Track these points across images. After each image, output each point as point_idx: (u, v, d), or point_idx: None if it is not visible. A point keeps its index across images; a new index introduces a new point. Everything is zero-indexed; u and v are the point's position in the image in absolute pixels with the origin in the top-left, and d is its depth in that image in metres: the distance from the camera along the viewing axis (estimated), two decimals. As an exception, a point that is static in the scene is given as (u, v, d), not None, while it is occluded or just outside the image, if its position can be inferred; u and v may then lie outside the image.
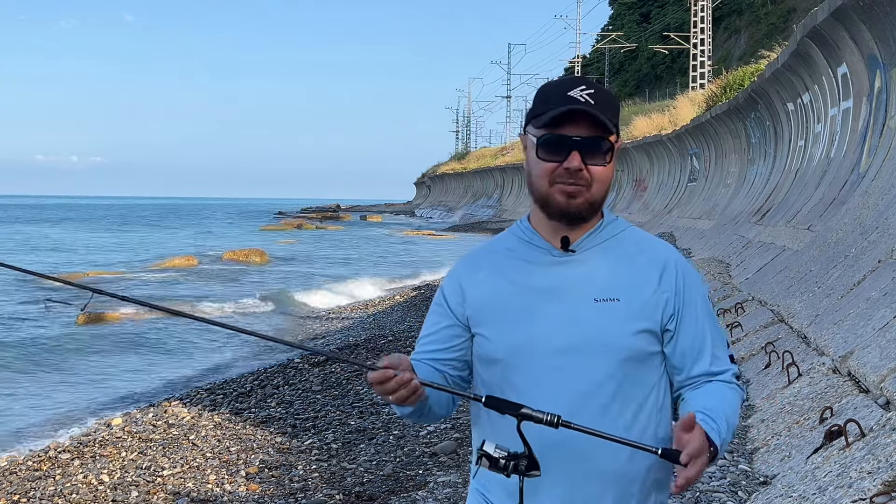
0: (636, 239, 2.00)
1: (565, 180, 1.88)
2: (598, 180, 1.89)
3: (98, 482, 6.34)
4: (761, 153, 18.42)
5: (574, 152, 1.87)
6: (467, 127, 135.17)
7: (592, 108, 1.86)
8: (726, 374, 1.96)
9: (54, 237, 50.08)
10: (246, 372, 10.90)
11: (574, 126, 1.87)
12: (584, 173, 1.88)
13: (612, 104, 1.91)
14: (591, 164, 1.88)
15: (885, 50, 9.31)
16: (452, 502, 5.17)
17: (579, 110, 1.85)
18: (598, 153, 1.88)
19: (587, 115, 1.85)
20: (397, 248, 40.06)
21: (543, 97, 1.92)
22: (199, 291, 21.91)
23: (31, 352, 13.29)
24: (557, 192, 1.90)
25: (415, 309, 15.82)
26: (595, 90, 1.89)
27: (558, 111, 1.86)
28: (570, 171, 1.87)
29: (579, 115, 1.86)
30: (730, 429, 1.88)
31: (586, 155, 1.87)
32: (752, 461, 5.02)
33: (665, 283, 1.93)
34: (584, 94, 1.87)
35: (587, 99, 1.87)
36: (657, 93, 50.99)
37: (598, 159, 1.88)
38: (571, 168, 1.87)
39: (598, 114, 1.86)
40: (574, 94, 1.87)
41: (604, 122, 1.86)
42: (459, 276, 2.03)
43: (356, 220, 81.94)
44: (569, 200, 1.90)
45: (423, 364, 1.98)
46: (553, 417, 1.74)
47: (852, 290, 6.73)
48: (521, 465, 1.76)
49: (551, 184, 1.90)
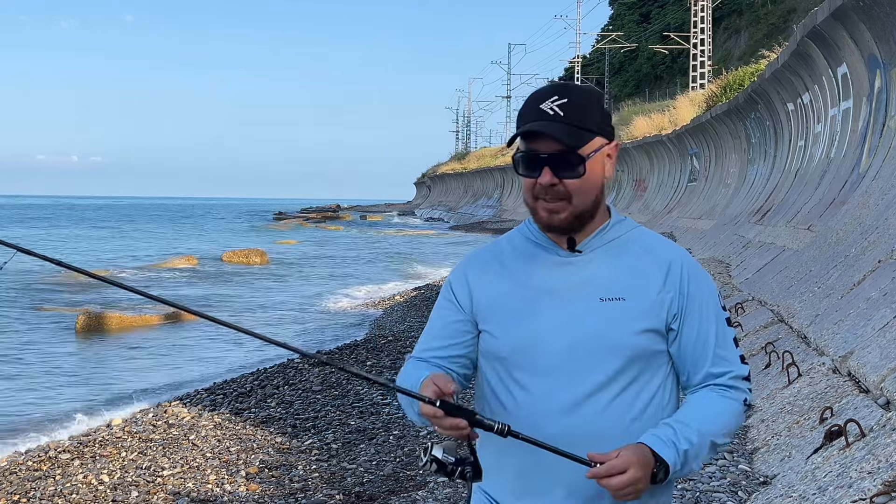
0: (643, 239, 2.00)
1: (544, 196, 1.89)
2: (577, 192, 1.88)
3: (98, 482, 6.34)
4: (761, 153, 18.42)
5: (545, 168, 1.86)
6: (467, 127, 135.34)
7: (560, 120, 1.84)
8: (727, 375, 1.95)
9: (55, 237, 50.07)
10: (246, 372, 10.90)
11: (542, 142, 1.86)
12: (560, 188, 1.87)
13: (589, 109, 1.89)
14: (564, 177, 1.87)
15: (885, 50, 9.31)
16: (452, 502, 5.17)
17: (538, 129, 1.85)
18: (569, 167, 1.86)
19: (549, 132, 1.84)
20: (397, 248, 40.05)
21: (521, 109, 1.93)
22: (198, 292, 21.90)
23: (32, 352, 13.29)
24: (541, 207, 1.91)
25: (415, 309, 15.82)
26: (568, 99, 1.86)
27: (521, 130, 1.87)
28: (544, 187, 1.87)
29: (542, 132, 1.85)
30: (703, 439, 1.87)
31: (557, 169, 1.86)
32: (752, 461, 5.02)
33: (670, 283, 1.93)
34: (554, 106, 1.85)
35: (556, 111, 1.85)
36: (657, 93, 51.01)
37: (570, 172, 1.86)
38: (544, 184, 1.87)
39: (562, 129, 1.84)
40: (545, 106, 1.86)
41: (569, 135, 1.84)
42: (467, 272, 2.03)
43: (356, 220, 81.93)
44: (551, 216, 1.90)
45: (429, 364, 1.99)
46: (503, 427, 1.77)
47: (852, 290, 6.73)
48: (466, 472, 1.80)
49: (534, 199, 1.91)
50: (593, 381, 1.88)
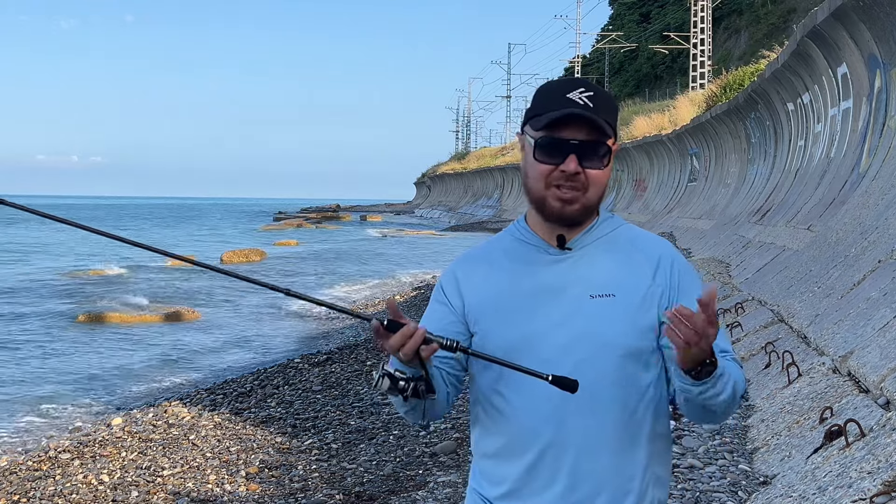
0: (631, 235, 2.00)
1: (562, 183, 1.89)
2: (594, 184, 1.90)
3: (98, 482, 6.34)
4: (761, 153, 18.42)
5: (572, 155, 1.87)
6: (467, 127, 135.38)
7: (591, 111, 1.86)
8: (727, 355, 1.92)
9: (55, 237, 50.05)
10: (246, 372, 10.90)
11: (572, 129, 1.87)
12: (581, 177, 1.88)
13: (611, 107, 1.92)
14: (588, 167, 1.88)
15: (885, 50, 9.31)
16: (452, 502, 5.17)
17: (577, 114, 1.86)
18: (596, 157, 1.88)
19: (586, 119, 1.86)
20: (397, 248, 40.05)
21: (542, 98, 1.92)
22: (199, 292, 21.90)
23: (31, 352, 13.29)
24: (552, 196, 1.90)
25: (415, 309, 15.82)
26: (594, 93, 1.89)
27: (557, 114, 1.86)
28: (566, 175, 1.87)
29: (578, 118, 1.86)
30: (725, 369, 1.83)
31: (584, 158, 1.87)
32: (752, 461, 5.02)
33: (659, 278, 1.94)
34: (583, 97, 1.87)
35: (586, 102, 1.87)
36: (657, 93, 51.01)
37: (596, 163, 1.88)
38: (568, 171, 1.87)
39: (597, 118, 1.86)
40: (573, 96, 1.87)
41: (602, 125, 1.87)
42: (457, 273, 2.03)
43: (356, 221, 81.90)
44: (564, 206, 1.90)
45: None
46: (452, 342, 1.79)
47: (852, 290, 6.73)
48: (420, 387, 1.81)
49: (547, 187, 1.90)
50: (586, 379, 1.88)
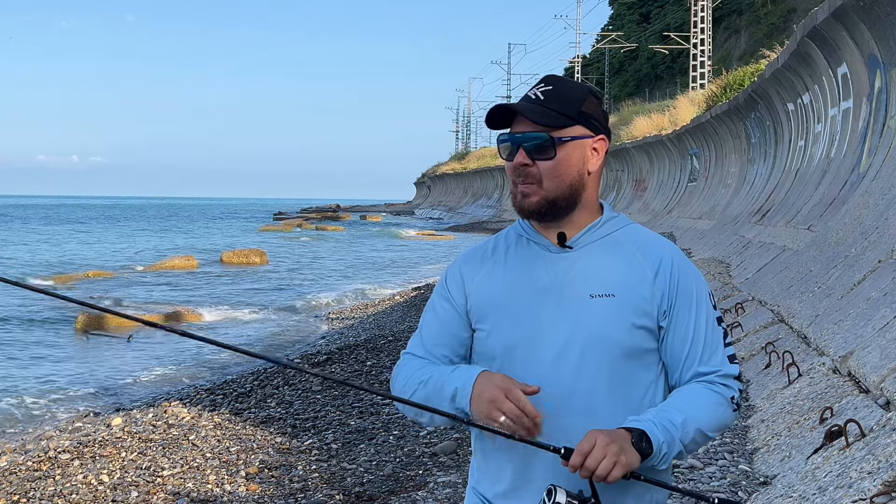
0: (634, 236, 1.99)
1: (517, 178, 1.92)
2: (548, 176, 1.90)
3: (98, 482, 6.33)
4: (761, 153, 18.42)
5: (520, 149, 1.90)
6: (467, 127, 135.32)
7: (539, 104, 1.89)
8: (715, 374, 1.93)
9: (55, 237, 50.06)
10: (246, 372, 10.89)
11: (519, 124, 1.91)
12: (533, 170, 1.90)
13: (573, 98, 1.91)
14: (538, 159, 1.89)
15: (885, 50, 9.31)
16: (452, 502, 5.17)
17: (505, 106, 1.90)
18: (541, 148, 1.89)
19: (523, 113, 1.89)
20: (397, 248, 40.05)
21: None
22: (199, 293, 21.90)
23: (32, 352, 13.29)
24: (517, 191, 1.94)
25: (415, 309, 15.82)
26: (553, 86, 1.91)
27: (493, 106, 1.91)
28: (517, 169, 1.91)
29: (514, 113, 1.91)
30: (686, 418, 1.85)
31: (532, 151, 1.89)
32: (752, 461, 5.02)
33: (660, 280, 1.93)
34: (537, 91, 1.91)
35: (538, 96, 1.90)
36: (657, 93, 51.00)
37: (542, 154, 1.89)
38: (516, 164, 1.91)
39: (537, 110, 1.88)
40: (531, 92, 1.92)
41: (543, 116, 1.88)
42: (461, 270, 2.04)
43: (356, 221, 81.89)
44: (522, 199, 1.92)
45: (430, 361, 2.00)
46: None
47: (852, 290, 6.73)
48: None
49: (514, 183, 1.94)
50: (585, 378, 1.88)
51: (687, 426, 1.85)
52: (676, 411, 1.86)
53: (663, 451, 1.81)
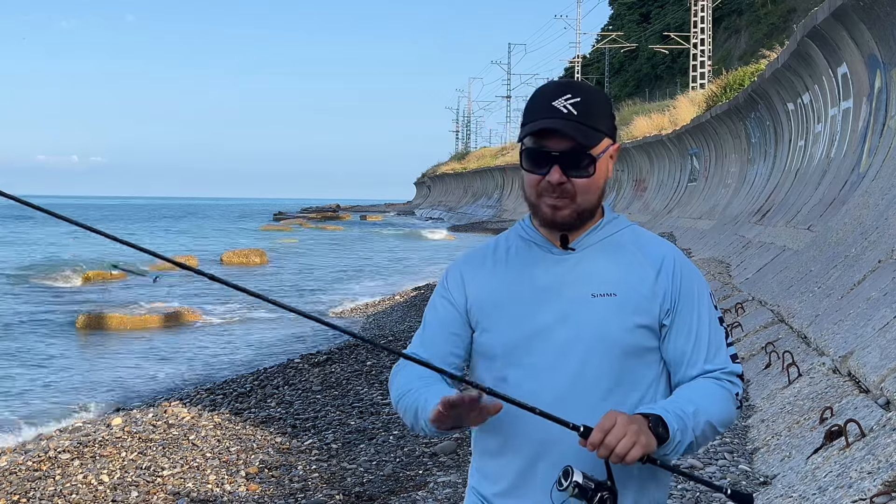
0: (635, 236, 2.00)
1: (549, 194, 1.89)
2: (582, 191, 1.89)
3: (98, 482, 6.33)
4: (761, 153, 18.42)
5: (555, 166, 1.86)
6: (467, 127, 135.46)
7: (574, 119, 1.85)
8: (718, 371, 1.94)
9: (55, 237, 50.05)
10: (246, 372, 10.90)
11: (555, 140, 1.86)
12: (568, 186, 1.88)
13: (601, 110, 1.89)
14: (573, 176, 1.87)
15: (885, 50, 9.31)
16: (452, 502, 5.17)
17: (552, 128, 1.84)
18: (580, 166, 1.87)
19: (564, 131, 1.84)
20: (397, 248, 40.05)
21: (531, 105, 1.92)
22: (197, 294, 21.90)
23: (31, 351, 13.29)
24: (544, 204, 1.91)
25: (415, 309, 15.82)
26: (581, 98, 1.87)
27: (535, 126, 1.86)
28: (552, 185, 1.87)
29: (555, 131, 1.85)
30: (697, 409, 1.85)
31: (568, 168, 1.86)
32: (752, 461, 5.02)
33: (662, 280, 1.93)
34: (567, 104, 1.86)
35: (570, 109, 1.85)
36: (657, 93, 50.99)
37: (580, 171, 1.87)
38: (553, 182, 1.87)
39: (577, 128, 1.84)
40: (558, 104, 1.86)
41: (583, 135, 1.85)
42: (462, 270, 2.04)
43: (356, 220, 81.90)
44: (554, 213, 1.90)
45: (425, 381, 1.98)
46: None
47: (852, 290, 6.73)
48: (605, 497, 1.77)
49: (538, 195, 1.91)
50: (586, 377, 1.88)
51: (698, 416, 1.85)
52: (687, 402, 1.86)
53: (678, 437, 1.81)
